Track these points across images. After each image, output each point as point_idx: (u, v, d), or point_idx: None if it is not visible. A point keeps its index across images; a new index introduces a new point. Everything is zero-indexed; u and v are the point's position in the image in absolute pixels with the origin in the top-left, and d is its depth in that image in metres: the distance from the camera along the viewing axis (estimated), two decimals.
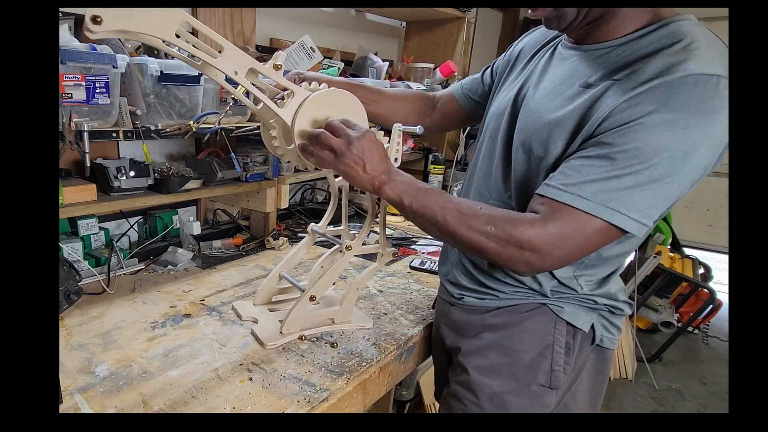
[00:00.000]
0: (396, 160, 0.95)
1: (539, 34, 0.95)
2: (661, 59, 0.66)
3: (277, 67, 0.84)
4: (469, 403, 0.90)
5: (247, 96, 0.95)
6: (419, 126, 0.96)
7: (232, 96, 0.97)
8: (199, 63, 0.80)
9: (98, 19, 0.64)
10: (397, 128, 0.96)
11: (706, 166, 0.67)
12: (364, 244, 1.03)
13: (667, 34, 0.69)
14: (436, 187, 0.87)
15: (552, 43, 0.89)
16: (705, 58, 0.64)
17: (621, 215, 0.67)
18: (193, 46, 0.77)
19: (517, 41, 1.01)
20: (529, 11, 0.80)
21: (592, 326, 0.87)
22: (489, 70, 1.08)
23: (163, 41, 0.72)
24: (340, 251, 1.03)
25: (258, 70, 0.82)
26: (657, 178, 0.65)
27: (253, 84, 0.85)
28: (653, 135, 0.64)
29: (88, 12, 0.63)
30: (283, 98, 0.89)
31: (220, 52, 0.78)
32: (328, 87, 0.91)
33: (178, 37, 0.72)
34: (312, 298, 1.01)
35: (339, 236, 1.10)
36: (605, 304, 0.88)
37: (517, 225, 0.70)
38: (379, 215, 1.04)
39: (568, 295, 0.86)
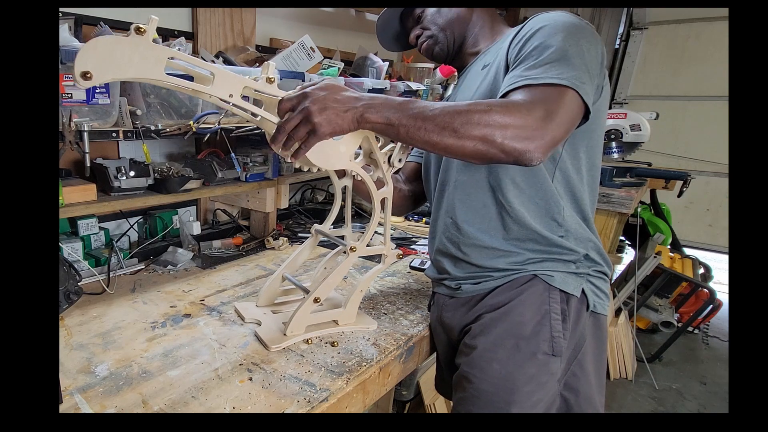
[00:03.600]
0: (400, 160, 0.98)
1: (450, 92, 1.18)
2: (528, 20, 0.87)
3: (270, 80, 0.84)
4: (476, 380, 0.92)
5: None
6: None
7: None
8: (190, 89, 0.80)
9: (88, 75, 0.65)
10: None
11: (596, 58, 0.81)
12: (367, 245, 1.03)
13: (517, 27, 0.91)
14: None
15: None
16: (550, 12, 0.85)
17: (574, 84, 0.75)
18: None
19: None
20: (419, 50, 1.07)
21: (584, 291, 0.93)
22: None
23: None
24: (345, 252, 1.03)
25: (252, 87, 0.82)
26: (571, 55, 0.77)
27: (251, 99, 0.85)
28: (549, 31, 0.80)
29: (76, 68, 0.64)
30: None
31: (212, 75, 0.78)
32: None
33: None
34: (316, 300, 1.01)
35: (342, 237, 1.10)
36: (585, 256, 0.94)
37: (513, 105, 0.73)
38: (384, 216, 1.04)
39: (551, 240, 0.92)
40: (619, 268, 3.01)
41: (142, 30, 0.67)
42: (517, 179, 0.91)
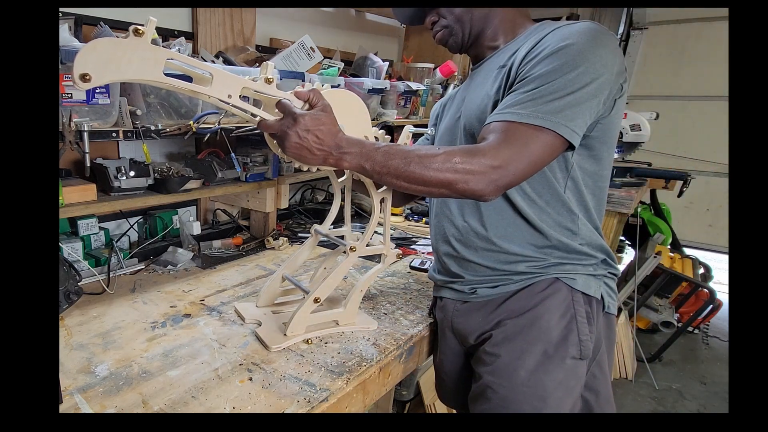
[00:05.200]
0: None
1: (451, 91, 1.15)
2: (549, 27, 0.85)
3: (268, 81, 0.84)
4: (503, 390, 0.91)
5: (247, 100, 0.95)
6: (431, 129, 0.98)
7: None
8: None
9: (87, 77, 0.65)
10: (408, 130, 0.97)
11: (606, 84, 0.80)
12: (367, 245, 1.03)
13: (545, 25, 0.88)
14: None
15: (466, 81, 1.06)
16: (580, 24, 0.82)
17: (552, 122, 0.77)
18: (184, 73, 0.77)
19: (437, 104, 1.18)
20: (434, 37, 1.00)
21: (601, 294, 0.93)
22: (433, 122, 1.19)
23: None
24: (344, 252, 1.03)
25: (251, 88, 0.82)
26: (571, 90, 0.77)
27: (250, 99, 0.85)
28: (559, 59, 0.78)
29: (75, 70, 0.64)
30: None
31: (211, 75, 0.78)
32: (322, 85, 0.91)
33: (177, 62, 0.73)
34: (316, 300, 1.01)
35: (342, 237, 1.10)
36: (603, 261, 0.95)
37: (476, 153, 0.78)
38: (383, 216, 1.04)
39: (571, 247, 0.92)
40: (620, 268, 3.00)
41: (141, 32, 0.67)
42: (527, 190, 0.90)
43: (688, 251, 3.29)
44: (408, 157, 0.80)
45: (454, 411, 1.17)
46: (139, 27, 0.67)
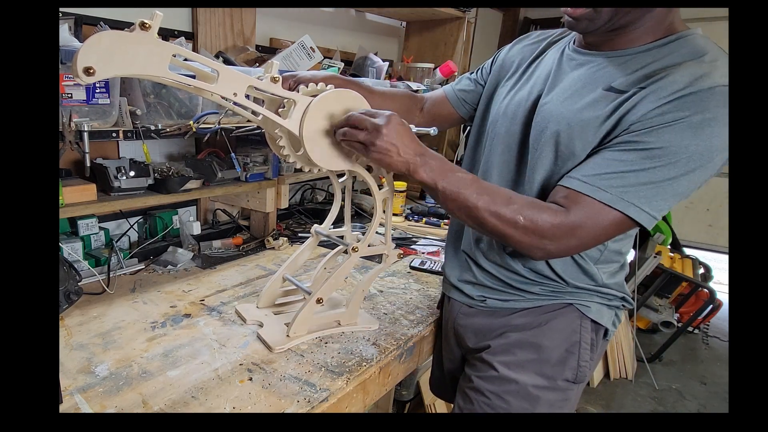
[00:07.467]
0: None
1: (528, 42, 0.99)
2: (688, 69, 0.70)
3: (274, 80, 0.84)
4: (493, 397, 0.90)
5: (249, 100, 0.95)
6: (433, 128, 0.97)
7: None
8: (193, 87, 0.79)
9: (90, 71, 0.64)
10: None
11: (717, 169, 0.72)
12: (369, 245, 1.03)
13: (686, 46, 0.74)
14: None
15: (554, 47, 0.91)
16: (723, 70, 0.70)
17: (635, 207, 0.71)
18: (190, 70, 0.77)
19: (505, 48, 1.04)
20: (563, 9, 0.80)
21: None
22: (479, 73, 1.09)
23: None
24: (346, 252, 1.03)
25: (257, 86, 0.82)
26: (673, 177, 0.70)
27: (251, 97, 0.84)
28: (681, 137, 0.68)
29: (79, 63, 0.63)
30: (284, 105, 0.89)
31: (217, 73, 0.77)
32: (326, 85, 0.91)
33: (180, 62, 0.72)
34: (319, 301, 1.01)
35: (342, 237, 1.10)
36: (621, 298, 0.93)
37: (542, 215, 0.74)
38: (384, 216, 1.04)
39: (588, 288, 0.89)
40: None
41: (147, 26, 0.67)
42: None
43: (688, 251, 3.29)
44: (480, 192, 0.77)
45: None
46: (146, 21, 0.67)
